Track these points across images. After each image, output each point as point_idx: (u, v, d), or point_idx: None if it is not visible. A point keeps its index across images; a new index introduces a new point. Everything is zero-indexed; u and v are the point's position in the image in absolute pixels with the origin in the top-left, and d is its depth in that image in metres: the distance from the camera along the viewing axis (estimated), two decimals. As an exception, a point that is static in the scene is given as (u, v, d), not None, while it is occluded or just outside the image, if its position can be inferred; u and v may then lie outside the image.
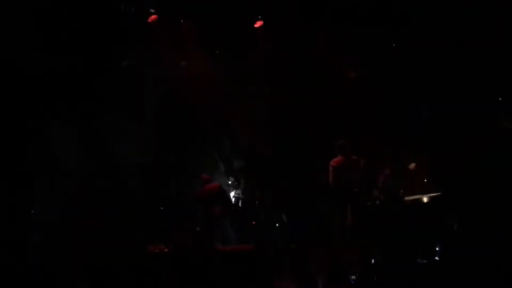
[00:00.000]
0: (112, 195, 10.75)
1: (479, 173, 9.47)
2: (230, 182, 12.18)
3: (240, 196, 11.82)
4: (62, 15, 10.45)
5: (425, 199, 10.28)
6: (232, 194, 11.88)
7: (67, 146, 10.77)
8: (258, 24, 11.92)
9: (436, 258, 9.48)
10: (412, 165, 11.17)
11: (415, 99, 11.59)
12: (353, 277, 9.14)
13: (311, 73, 12.20)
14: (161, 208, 11.01)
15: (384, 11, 11.27)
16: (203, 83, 12.05)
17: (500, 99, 10.78)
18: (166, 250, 9.42)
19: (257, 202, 11.48)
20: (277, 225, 11.16)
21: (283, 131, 12.38)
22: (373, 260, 9.37)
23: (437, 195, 10.16)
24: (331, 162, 10.54)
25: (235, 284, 8.80)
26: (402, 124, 11.76)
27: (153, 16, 11.54)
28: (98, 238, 9.44)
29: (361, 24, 11.43)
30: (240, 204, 11.66)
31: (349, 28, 11.54)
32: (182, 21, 11.87)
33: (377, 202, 10.44)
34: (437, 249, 9.56)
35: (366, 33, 11.49)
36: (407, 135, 11.58)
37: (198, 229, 10.39)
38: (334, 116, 12.04)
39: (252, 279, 8.91)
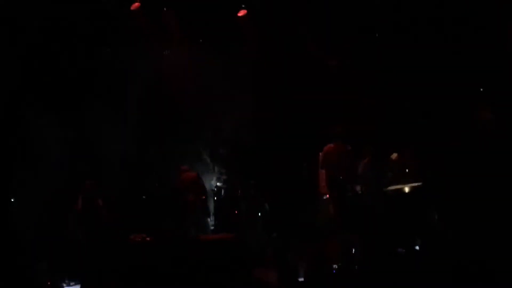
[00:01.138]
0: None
1: (461, 163, 9.52)
2: (215, 173, 12.18)
3: (222, 185, 11.83)
4: (44, 3, 10.34)
5: (406, 189, 10.32)
6: (214, 183, 11.90)
7: (49, 139, 10.71)
8: (241, 13, 11.84)
9: (416, 247, 9.55)
10: (394, 155, 11.21)
11: (399, 89, 11.60)
12: (335, 266, 9.18)
13: (296, 62, 12.17)
14: (143, 197, 11.00)
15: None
16: (186, 73, 11.99)
17: (481, 90, 10.82)
18: (148, 239, 9.42)
19: (239, 191, 11.48)
20: (259, 214, 11.19)
21: (268, 120, 12.37)
22: (353, 250, 9.41)
23: (418, 185, 10.21)
24: (324, 148, 10.49)
25: (215, 272, 8.81)
26: (385, 114, 11.78)
27: (136, 4, 11.43)
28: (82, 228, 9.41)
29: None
30: (222, 193, 11.66)
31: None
32: (165, 9, 11.77)
33: (358, 192, 10.47)
34: (417, 239, 9.64)
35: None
36: (390, 125, 11.61)
37: (176, 218, 10.37)
38: (320, 105, 12.03)
39: (232, 267, 8.92)
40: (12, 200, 10.33)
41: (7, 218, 10.05)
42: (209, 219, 11.00)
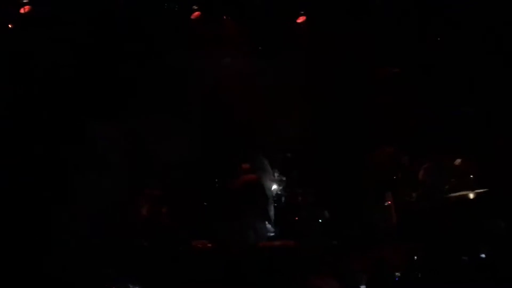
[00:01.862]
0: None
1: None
2: (275, 179, 12.13)
3: (283, 192, 11.80)
4: (106, 13, 10.58)
5: (471, 196, 10.12)
6: (275, 190, 11.85)
7: (110, 147, 10.92)
8: (300, 19, 11.86)
9: (482, 256, 9.33)
10: (458, 161, 11.00)
11: (457, 95, 11.39)
12: (397, 274, 9.07)
13: (353, 70, 12.10)
14: (205, 203, 11.07)
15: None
16: (245, 80, 12.05)
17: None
18: (209, 245, 9.52)
19: (299, 198, 11.45)
20: (319, 221, 11.12)
21: (327, 128, 12.32)
22: (416, 257, 9.27)
23: (483, 191, 9.99)
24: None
25: (275, 280, 8.83)
26: (446, 120, 11.57)
27: (196, 13, 11.60)
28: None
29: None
30: (282, 200, 11.64)
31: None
32: (224, 17, 11.90)
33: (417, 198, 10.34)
34: (482, 247, 9.42)
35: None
36: (451, 131, 11.39)
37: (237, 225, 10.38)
38: (378, 113, 11.92)
39: (292, 275, 8.93)
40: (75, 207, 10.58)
41: (69, 225, 10.31)
42: (269, 226, 10.95)
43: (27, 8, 10.30)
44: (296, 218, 11.11)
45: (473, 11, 10.83)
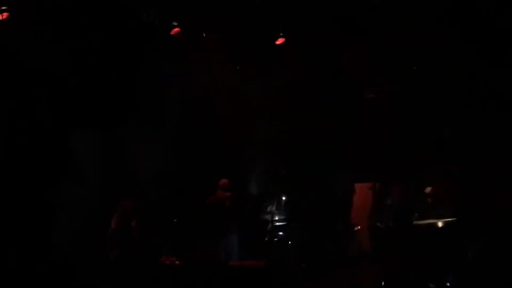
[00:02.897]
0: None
1: (498, 200, 9.40)
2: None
3: (254, 212, 11.78)
4: (85, 26, 10.50)
5: (440, 224, 10.21)
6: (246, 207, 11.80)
7: (85, 157, 10.82)
8: (279, 41, 11.92)
9: (447, 284, 9.42)
10: (428, 189, 11.12)
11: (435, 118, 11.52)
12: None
13: (336, 89, 12.19)
14: (175, 220, 10.99)
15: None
16: (226, 94, 12.06)
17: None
18: (177, 263, 9.43)
19: (270, 219, 11.45)
20: (289, 243, 11.13)
21: (303, 148, 12.38)
22: (383, 282, 9.33)
23: (452, 220, 10.09)
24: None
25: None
26: (419, 144, 11.70)
27: (176, 29, 11.58)
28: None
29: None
30: (253, 220, 11.61)
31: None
32: (204, 34, 11.91)
33: (388, 224, 10.41)
34: (449, 275, 9.50)
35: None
36: (425, 155, 11.51)
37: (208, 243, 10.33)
38: (356, 132, 12.02)
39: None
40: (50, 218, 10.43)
41: (47, 236, 10.17)
42: (239, 245, 10.86)
43: (5, 15, 10.21)
44: (267, 239, 11.11)
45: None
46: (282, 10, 11.23)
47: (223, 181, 10.70)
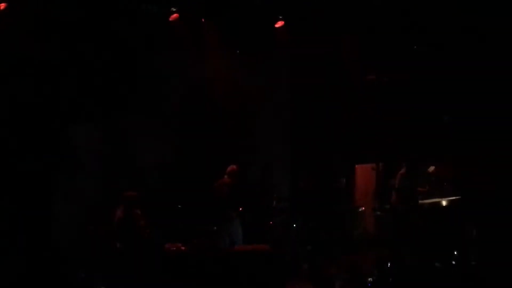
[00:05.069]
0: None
1: (501, 178, 9.38)
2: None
3: (258, 197, 11.78)
4: (83, 15, 10.47)
5: (444, 203, 10.22)
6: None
7: (87, 149, 10.86)
8: (278, 24, 11.84)
9: (453, 262, 9.44)
10: (431, 168, 11.11)
11: (436, 102, 11.47)
12: (370, 279, 9.14)
13: (334, 77, 12.15)
14: (179, 206, 11.01)
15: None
16: (224, 82, 12.02)
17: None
18: (183, 248, 9.48)
19: (274, 203, 11.46)
20: (294, 226, 11.15)
21: (304, 132, 12.37)
22: (389, 264, 9.35)
23: (456, 199, 10.10)
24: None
25: (249, 284, 8.83)
26: (422, 126, 11.67)
27: (175, 15, 11.53)
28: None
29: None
30: (258, 205, 11.61)
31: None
32: (203, 20, 11.86)
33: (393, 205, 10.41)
34: (454, 253, 9.53)
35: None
36: (427, 137, 11.49)
37: (214, 228, 10.33)
38: (356, 118, 11.99)
39: (266, 280, 8.93)
40: (51, 210, 10.49)
41: (47, 228, 10.22)
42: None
43: (2, 5, 10.16)
44: (271, 223, 11.13)
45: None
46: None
47: (232, 167, 10.68)
